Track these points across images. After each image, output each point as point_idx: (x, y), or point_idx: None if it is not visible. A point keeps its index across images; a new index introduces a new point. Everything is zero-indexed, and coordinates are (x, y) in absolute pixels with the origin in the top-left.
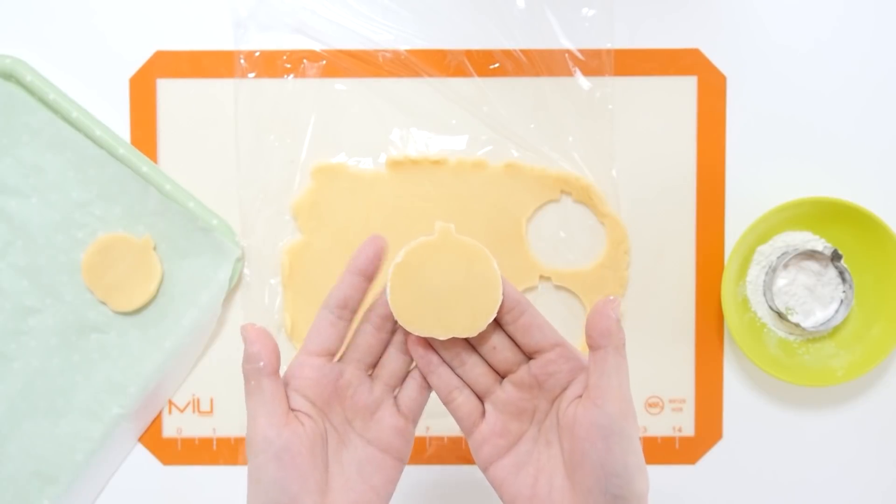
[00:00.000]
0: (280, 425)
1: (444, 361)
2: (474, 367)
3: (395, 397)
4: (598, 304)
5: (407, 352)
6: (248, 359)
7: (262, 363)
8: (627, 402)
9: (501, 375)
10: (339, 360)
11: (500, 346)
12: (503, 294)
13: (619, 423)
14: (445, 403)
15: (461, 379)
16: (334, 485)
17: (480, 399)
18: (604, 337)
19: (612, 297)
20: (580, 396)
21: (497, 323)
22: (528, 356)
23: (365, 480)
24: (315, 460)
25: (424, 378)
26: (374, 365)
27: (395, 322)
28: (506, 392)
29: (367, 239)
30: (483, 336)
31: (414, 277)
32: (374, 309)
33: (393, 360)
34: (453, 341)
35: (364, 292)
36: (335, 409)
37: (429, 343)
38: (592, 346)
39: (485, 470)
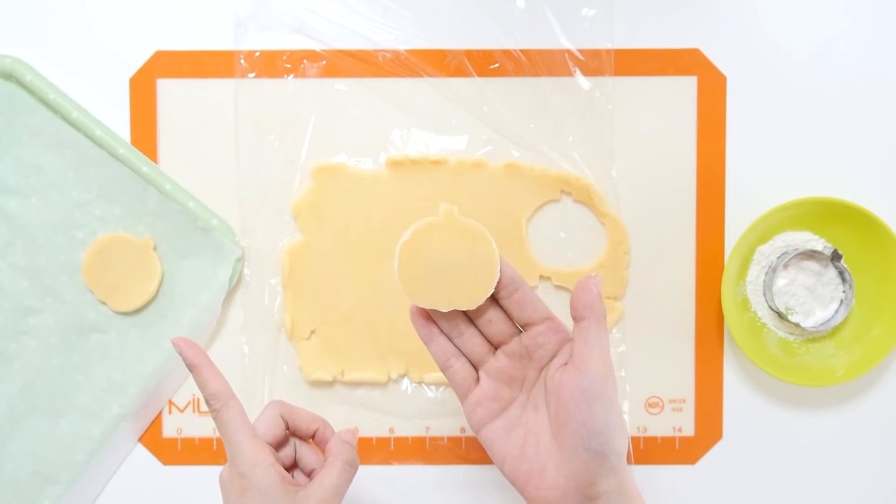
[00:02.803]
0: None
1: (443, 332)
2: (471, 338)
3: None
4: (581, 280)
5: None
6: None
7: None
8: (608, 367)
9: (495, 346)
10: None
11: (496, 319)
12: (501, 271)
13: (601, 386)
14: (443, 370)
15: (458, 349)
16: None
17: (475, 367)
18: (586, 309)
19: (593, 274)
20: (566, 364)
21: (493, 298)
22: (520, 329)
23: None
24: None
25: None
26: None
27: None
28: (499, 361)
29: None
30: (480, 309)
31: (419, 254)
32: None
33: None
34: (453, 314)
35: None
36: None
37: (430, 315)
38: (576, 318)
39: (477, 431)
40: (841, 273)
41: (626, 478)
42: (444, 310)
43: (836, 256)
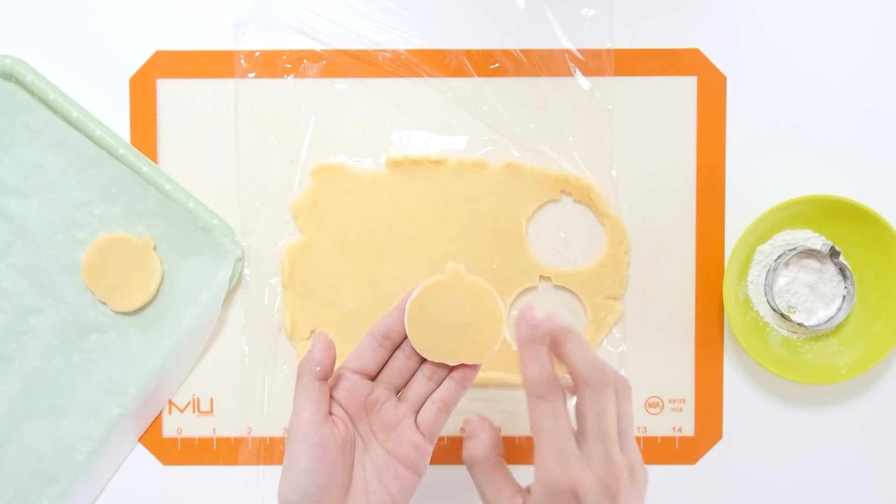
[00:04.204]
0: (319, 423)
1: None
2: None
3: (416, 417)
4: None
5: (431, 378)
6: (310, 360)
7: (318, 368)
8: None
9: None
10: (373, 379)
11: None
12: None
13: None
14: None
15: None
16: (356, 486)
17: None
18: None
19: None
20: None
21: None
22: None
23: (383, 486)
24: (344, 459)
25: (444, 403)
26: (402, 387)
27: None
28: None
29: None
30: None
31: (428, 311)
32: (407, 340)
33: (418, 385)
34: (462, 365)
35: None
36: (363, 420)
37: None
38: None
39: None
40: (841, 269)
41: None
42: (452, 363)
43: (833, 253)
